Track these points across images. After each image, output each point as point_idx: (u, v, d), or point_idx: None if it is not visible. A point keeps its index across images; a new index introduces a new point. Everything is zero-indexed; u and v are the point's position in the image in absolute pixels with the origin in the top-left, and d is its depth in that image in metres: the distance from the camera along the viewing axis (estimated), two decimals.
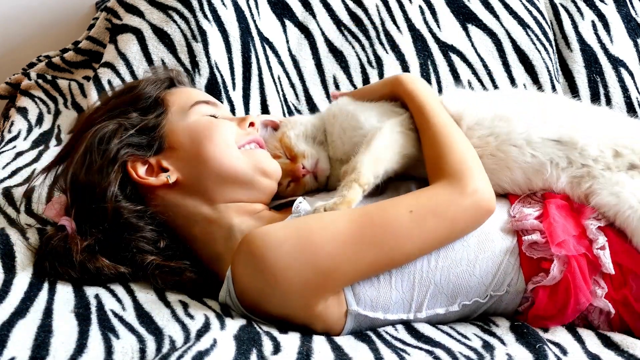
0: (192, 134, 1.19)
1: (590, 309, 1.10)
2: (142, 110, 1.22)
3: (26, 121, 1.72)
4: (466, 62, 1.80)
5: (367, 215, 1.06)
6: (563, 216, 1.13)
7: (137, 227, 1.13)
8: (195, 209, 1.17)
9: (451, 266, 1.10)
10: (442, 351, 0.99)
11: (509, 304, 1.13)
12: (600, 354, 1.02)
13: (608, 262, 1.08)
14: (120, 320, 1.02)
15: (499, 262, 1.11)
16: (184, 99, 1.24)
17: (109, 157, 1.15)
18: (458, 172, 1.10)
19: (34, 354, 0.91)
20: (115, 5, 1.78)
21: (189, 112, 1.21)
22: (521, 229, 1.13)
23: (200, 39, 1.66)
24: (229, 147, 1.19)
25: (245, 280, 1.05)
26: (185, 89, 1.30)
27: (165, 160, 1.19)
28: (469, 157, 1.14)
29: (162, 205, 1.16)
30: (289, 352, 0.96)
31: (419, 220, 1.06)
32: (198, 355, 0.91)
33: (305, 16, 1.82)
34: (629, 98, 1.79)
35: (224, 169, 1.18)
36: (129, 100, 1.24)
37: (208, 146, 1.18)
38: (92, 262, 1.11)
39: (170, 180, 1.17)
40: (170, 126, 1.20)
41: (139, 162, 1.18)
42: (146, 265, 1.12)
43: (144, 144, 1.19)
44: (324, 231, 1.04)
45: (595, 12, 1.87)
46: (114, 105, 1.24)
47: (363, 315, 1.07)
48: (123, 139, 1.17)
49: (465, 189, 1.08)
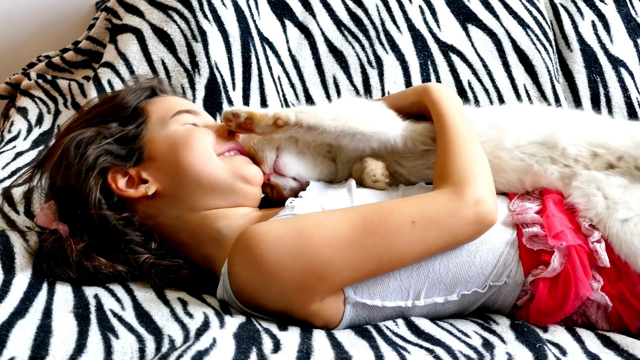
0: (171, 143, 1.18)
1: (588, 304, 1.12)
2: (122, 120, 1.21)
3: (26, 121, 1.72)
4: (466, 62, 1.80)
5: (368, 221, 1.06)
6: (560, 211, 1.15)
7: (124, 232, 1.14)
8: (179, 218, 1.17)
9: (451, 256, 1.10)
10: (442, 350, 0.99)
11: (508, 297, 1.13)
12: (600, 354, 1.02)
13: (604, 254, 1.10)
14: (120, 320, 1.02)
15: (499, 253, 1.12)
16: (164, 109, 1.23)
17: (87, 162, 1.15)
18: (462, 179, 1.10)
19: (33, 354, 0.91)
20: (115, 5, 1.78)
21: (169, 122, 1.21)
22: (522, 222, 1.15)
23: (200, 39, 1.66)
24: (207, 155, 1.18)
25: (243, 278, 1.05)
26: (167, 98, 1.29)
27: (145, 172, 1.18)
28: (477, 166, 1.13)
29: (146, 214, 1.17)
30: (289, 351, 0.96)
31: (421, 231, 1.06)
32: (197, 355, 0.91)
33: (305, 16, 1.82)
34: (629, 98, 1.79)
35: (203, 177, 1.17)
36: (108, 110, 1.23)
37: (186, 155, 1.17)
38: (90, 261, 1.11)
39: (149, 192, 1.16)
40: (150, 136, 1.20)
41: (119, 173, 1.18)
42: (141, 263, 1.13)
43: (123, 154, 1.18)
44: (323, 235, 1.03)
45: (595, 12, 1.87)
46: (94, 114, 1.24)
47: (361, 304, 1.08)
48: (101, 145, 1.17)
49: (467, 197, 1.08)
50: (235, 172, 1.19)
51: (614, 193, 1.14)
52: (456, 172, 1.11)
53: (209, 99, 1.61)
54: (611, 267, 1.10)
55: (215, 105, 1.61)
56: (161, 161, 1.18)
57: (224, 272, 1.07)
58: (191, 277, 1.15)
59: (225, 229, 1.15)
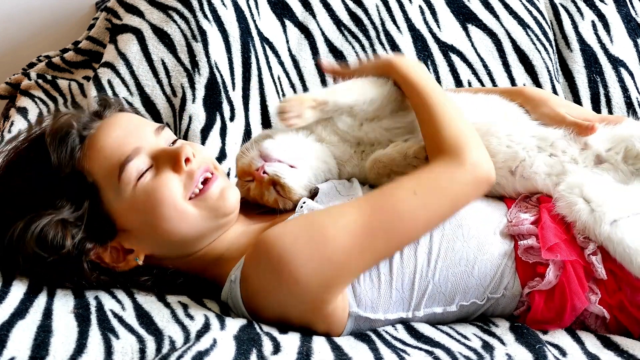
0: (139, 213, 1.09)
1: (586, 315, 1.11)
2: (70, 196, 1.08)
3: (26, 121, 1.71)
4: (466, 62, 1.80)
5: (374, 203, 1.08)
6: (556, 222, 1.14)
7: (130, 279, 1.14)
8: (178, 263, 1.16)
9: (450, 266, 1.10)
10: (441, 351, 0.99)
11: (506, 308, 1.13)
12: (600, 355, 1.02)
13: (600, 267, 1.08)
14: (120, 321, 1.02)
15: (497, 264, 1.11)
16: (105, 167, 1.09)
17: (72, 255, 1.07)
18: (455, 147, 1.12)
19: (33, 354, 0.92)
20: (115, 5, 1.78)
21: (120, 186, 1.08)
22: (517, 234, 1.14)
23: (200, 39, 1.66)
24: (181, 211, 1.10)
25: (261, 283, 1.04)
26: (99, 144, 1.10)
27: (126, 242, 1.12)
28: (466, 132, 1.15)
29: (147, 272, 1.15)
30: (289, 352, 0.96)
31: (424, 200, 1.08)
32: (198, 355, 0.91)
33: (305, 16, 1.82)
34: (629, 98, 1.79)
35: (186, 234, 1.12)
36: (48, 187, 1.08)
37: (161, 222, 1.09)
38: (91, 272, 1.11)
39: (139, 262, 1.12)
40: (110, 207, 1.09)
41: (100, 249, 1.11)
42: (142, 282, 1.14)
43: (96, 234, 1.09)
44: (335, 224, 1.05)
45: (595, 12, 1.87)
46: (32, 194, 1.08)
47: (364, 318, 1.08)
48: (77, 238, 1.07)
49: (463, 163, 1.11)
50: (214, 213, 1.13)
51: (598, 195, 1.11)
52: (448, 141, 1.13)
53: (208, 99, 1.61)
54: (609, 278, 1.09)
55: (215, 105, 1.61)
56: (137, 231, 1.11)
57: (232, 277, 1.07)
58: (189, 285, 1.16)
59: (227, 252, 1.15)
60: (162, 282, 1.15)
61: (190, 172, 1.12)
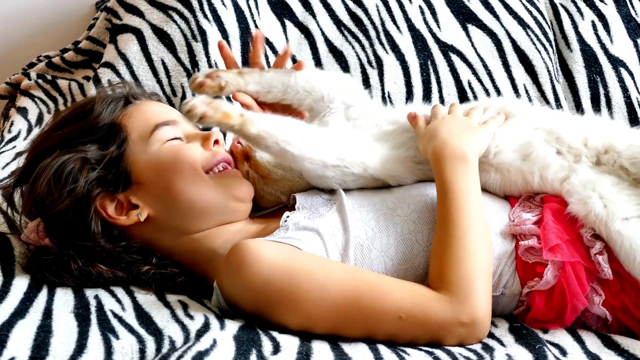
0: (158, 168, 1.14)
1: (588, 315, 1.10)
2: (100, 140, 1.15)
3: (26, 121, 1.72)
4: (466, 62, 1.80)
5: (359, 295, 1.02)
6: (559, 221, 1.12)
7: (122, 257, 1.14)
8: (173, 241, 1.16)
9: None
10: (441, 352, 0.99)
11: (505, 307, 1.13)
12: (600, 354, 1.02)
13: (607, 267, 1.08)
14: (120, 321, 1.02)
15: (497, 263, 1.11)
16: (141, 124, 1.17)
17: (79, 194, 1.11)
18: (462, 291, 1.02)
19: (33, 354, 0.91)
20: (115, 5, 1.78)
21: (150, 141, 1.15)
22: (519, 234, 1.13)
23: (200, 39, 1.66)
24: (197, 178, 1.14)
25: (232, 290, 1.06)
26: (141, 108, 1.20)
27: (134, 196, 1.14)
28: (478, 271, 1.04)
29: (140, 240, 1.15)
30: (289, 352, 0.96)
31: (405, 328, 1.02)
32: (198, 355, 0.91)
33: (305, 16, 1.82)
34: (629, 98, 1.79)
35: (195, 202, 1.14)
36: (84, 130, 1.16)
37: (176, 181, 1.13)
38: (92, 267, 1.11)
39: (141, 218, 1.14)
40: (133, 158, 1.15)
41: (107, 199, 1.14)
42: (142, 273, 1.14)
43: (109, 180, 1.14)
44: (311, 289, 1.02)
45: (595, 12, 1.87)
46: (69, 134, 1.17)
47: None
48: (90, 177, 1.12)
49: (463, 316, 1.01)
50: (228, 192, 1.17)
51: (610, 192, 1.11)
52: (457, 280, 1.03)
53: None
54: (614, 279, 1.08)
55: None
56: (150, 186, 1.14)
57: (215, 286, 1.08)
58: (188, 284, 1.16)
59: (220, 248, 1.15)
60: (161, 277, 1.14)
61: (215, 152, 1.19)
